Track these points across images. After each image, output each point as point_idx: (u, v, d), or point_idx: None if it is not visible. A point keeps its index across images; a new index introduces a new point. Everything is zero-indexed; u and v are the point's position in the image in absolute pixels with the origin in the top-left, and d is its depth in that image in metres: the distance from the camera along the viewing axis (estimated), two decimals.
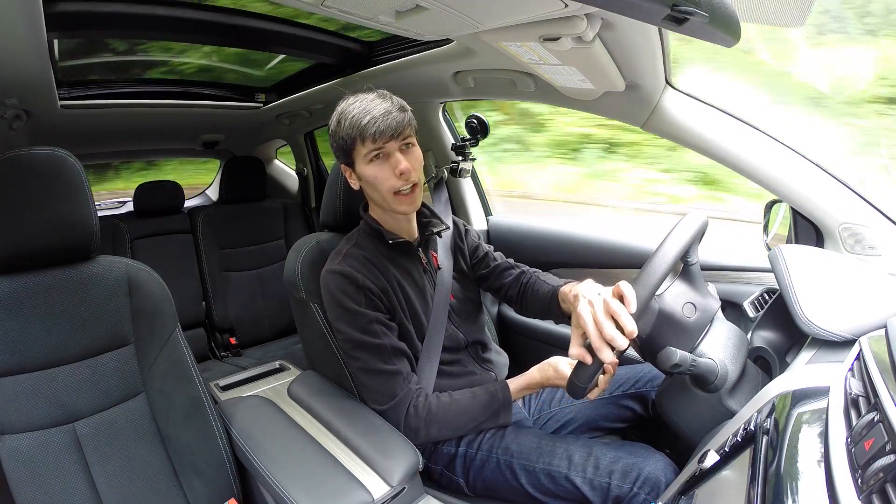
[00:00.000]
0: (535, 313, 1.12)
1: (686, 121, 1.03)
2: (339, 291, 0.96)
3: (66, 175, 0.86)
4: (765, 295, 1.11)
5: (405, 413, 0.94)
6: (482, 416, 0.96)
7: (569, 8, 0.70)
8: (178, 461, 0.94)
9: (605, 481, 0.85)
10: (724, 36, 0.65)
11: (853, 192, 0.95)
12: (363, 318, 0.94)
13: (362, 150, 0.94)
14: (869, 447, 0.45)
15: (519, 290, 1.14)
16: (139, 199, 2.27)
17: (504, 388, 0.98)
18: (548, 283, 1.09)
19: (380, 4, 0.76)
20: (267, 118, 2.15)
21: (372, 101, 0.92)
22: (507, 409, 0.97)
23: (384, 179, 0.94)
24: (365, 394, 0.99)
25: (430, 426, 0.94)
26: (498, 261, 1.20)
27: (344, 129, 0.94)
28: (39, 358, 0.85)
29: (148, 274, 0.97)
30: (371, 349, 0.94)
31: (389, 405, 0.95)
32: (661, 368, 0.77)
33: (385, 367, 0.94)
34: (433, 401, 0.95)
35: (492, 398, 0.97)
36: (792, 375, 0.69)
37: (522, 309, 1.15)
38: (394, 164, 0.93)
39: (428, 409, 0.94)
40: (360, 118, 0.91)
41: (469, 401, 0.97)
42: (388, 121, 0.90)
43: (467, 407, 0.96)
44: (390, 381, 0.95)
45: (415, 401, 0.95)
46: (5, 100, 1.30)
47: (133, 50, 1.57)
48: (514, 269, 1.18)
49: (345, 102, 0.96)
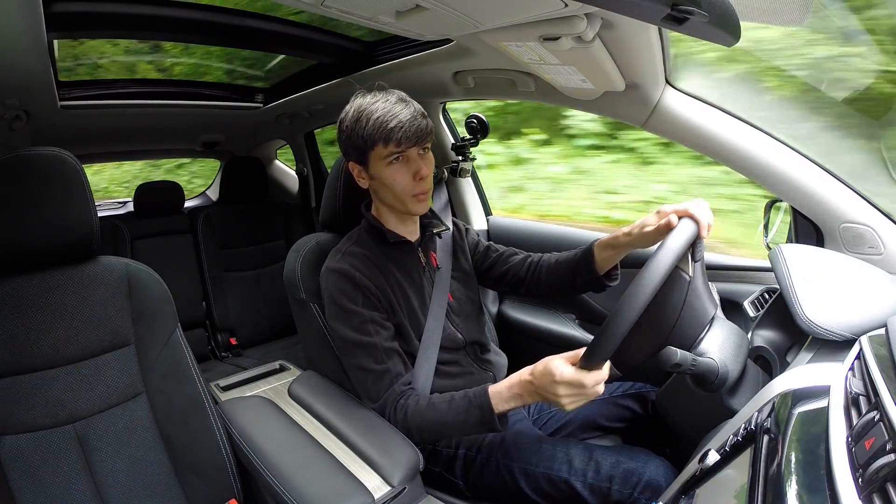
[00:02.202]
0: (552, 283, 1.10)
1: (686, 120, 1.03)
2: (336, 289, 0.96)
3: (66, 175, 0.86)
4: (765, 294, 1.11)
5: (389, 414, 0.94)
6: (461, 425, 0.89)
7: (569, 8, 0.70)
8: (178, 461, 0.94)
9: (606, 486, 0.85)
10: (724, 35, 0.65)
11: (854, 192, 0.95)
12: (358, 317, 0.94)
13: (382, 152, 0.94)
14: (869, 446, 0.45)
15: (529, 268, 1.14)
16: (139, 199, 2.28)
17: (482, 394, 0.88)
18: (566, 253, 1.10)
19: (380, 4, 0.76)
20: (267, 118, 2.15)
21: (396, 105, 0.93)
22: (488, 415, 0.86)
23: (402, 182, 0.95)
24: (358, 391, 1.00)
25: (410, 430, 0.92)
26: (500, 249, 1.20)
27: (365, 129, 0.93)
28: (40, 358, 0.85)
29: (148, 274, 0.97)
30: (363, 347, 0.94)
31: (377, 404, 0.95)
32: (662, 368, 0.77)
33: (375, 366, 0.94)
34: (411, 404, 0.92)
35: (469, 405, 0.88)
36: (792, 375, 0.69)
37: (532, 287, 1.13)
38: (414, 169, 0.95)
39: (405, 413, 0.92)
40: (385, 121, 0.91)
41: (445, 407, 0.90)
42: (413, 127, 0.92)
43: (443, 413, 0.90)
44: (379, 381, 0.94)
45: (397, 402, 0.93)
46: (5, 100, 1.30)
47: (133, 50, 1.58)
48: (519, 253, 1.18)
49: (362, 100, 0.95)
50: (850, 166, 0.97)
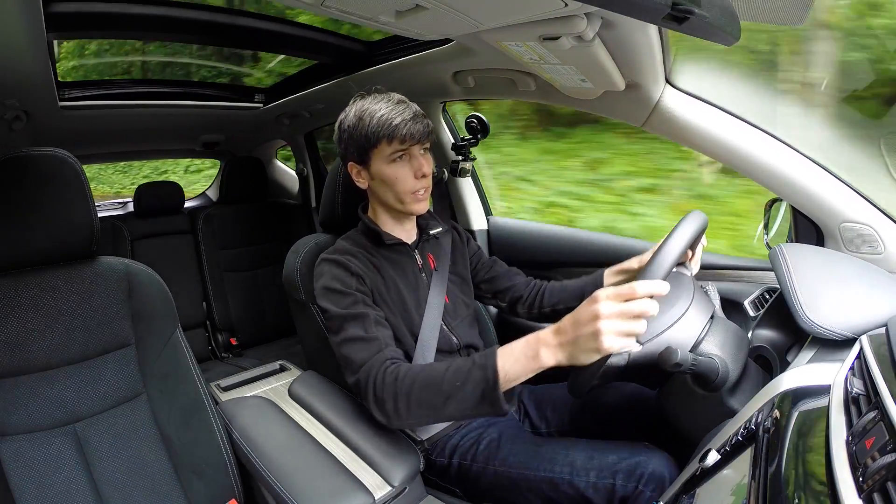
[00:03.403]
0: (555, 303, 1.12)
1: (686, 120, 1.03)
2: (330, 275, 0.96)
3: (66, 175, 0.86)
4: (765, 294, 1.11)
5: (373, 380, 0.84)
6: (456, 392, 0.76)
7: (569, 7, 0.70)
8: (178, 462, 0.94)
9: (610, 482, 0.84)
10: (724, 35, 0.65)
11: (854, 191, 0.95)
12: (350, 297, 0.93)
13: (386, 150, 0.96)
14: (870, 446, 0.45)
15: (532, 288, 1.17)
16: (139, 199, 2.27)
17: (489, 353, 0.76)
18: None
19: (380, 4, 0.76)
20: (267, 118, 2.15)
21: (398, 105, 0.96)
22: (492, 380, 0.74)
23: (404, 180, 0.97)
24: (343, 367, 0.92)
25: (398, 398, 0.80)
26: (505, 266, 1.23)
27: (369, 127, 0.95)
28: (40, 359, 0.85)
29: (148, 274, 0.97)
30: (354, 318, 0.91)
31: (360, 372, 0.86)
32: (662, 368, 0.76)
33: (365, 334, 0.89)
34: (403, 368, 0.83)
35: (473, 366, 0.77)
36: (793, 374, 0.69)
37: (533, 304, 1.15)
38: (416, 167, 0.97)
39: (395, 377, 0.82)
40: (390, 118, 0.93)
41: (442, 368, 0.79)
42: (417, 125, 0.95)
43: (438, 374, 0.79)
44: (366, 348, 0.88)
45: (386, 367, 0.84)
46: (5, 100, 1.30)
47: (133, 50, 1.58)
48: (522, 275, 1.22)
49: (363, 101, 0.98)
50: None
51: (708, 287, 0.94)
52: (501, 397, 0.74)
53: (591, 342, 0.67)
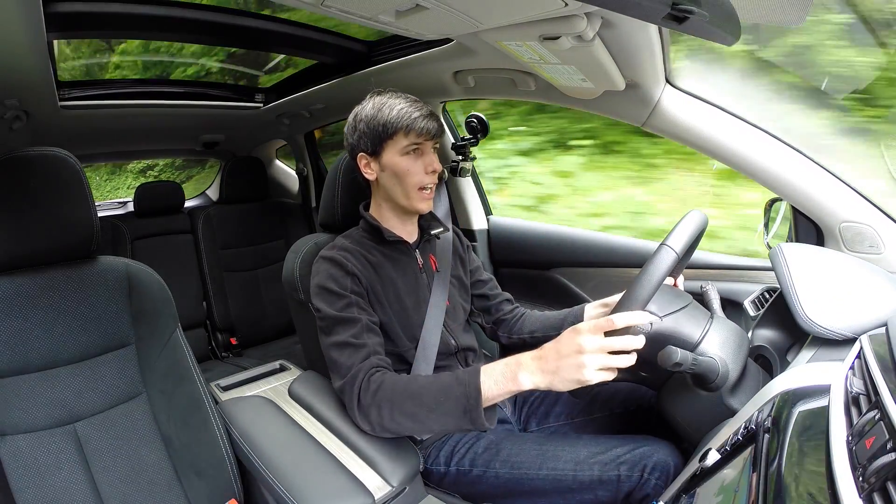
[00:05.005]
0: (534, 331, 1.15)
1: (686, 119, 1.03)
2: (326, 274, 0.96)
3: (66, 175, 0.86)
4: (765, 294, 1.10)
5: (359, 387, 0.85)
6: (438, 407, 0.79)
7: (569, 7, 0.70)
8: (178, 461, 0.94)
9: (615, 474, 0.84)
10: (724, 34, 0.65)
11: (853, 191, 0.95)
12: (344, 299, 0.94)
13: (402, 141, 0.98)
14: (870, 445, 0.45)
15: (515, 314, 1.21)
16: (139, 199, 2.27)
17: (472, 371, 0.79)
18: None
19: (380, 4, 0.76)
20: (267, 118, 2.15)
21: (416, 102, 0.99)
22: (474, 397, 0.77)
23: (415, 173, 0.99)
24: (330, 369, 0.93)
25: (382, 406, 0.82)
26: (498, 290, 1.25)
27: (388, 116, 0.97)
28: (40, 358, 0.85)
29: (148, 274, 0.97)
30: (345, 322, 0.91)
31: (346, 378, 0.87)
32: (662, 367, 0.76)
33: (354, 340, 0.90)
34: (389, 377, 0.85)
35: (456, 381, 0.79)
36: (793, 374, 0.69)
37: (512, 329, 1.19)
38: (427, 162, 1.00)
39: (379, 385, 0.83)
40: (409, 112, 0.96)
41: (426, 381, 0.83)
42: (433, 122, 0.98)
43: (421, 386, 0.81)
44: (354, 354, 0.89)
45: (371, 374, 0.86)
46: (5, 100, 1.30)
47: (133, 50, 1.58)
48: (512, 301, 1.24)
49: (381, 97, 1.01)
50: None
51: (708, 287, 0.95)
52: (482, 414, 0.77)
53: (574, 373, 0.72)
